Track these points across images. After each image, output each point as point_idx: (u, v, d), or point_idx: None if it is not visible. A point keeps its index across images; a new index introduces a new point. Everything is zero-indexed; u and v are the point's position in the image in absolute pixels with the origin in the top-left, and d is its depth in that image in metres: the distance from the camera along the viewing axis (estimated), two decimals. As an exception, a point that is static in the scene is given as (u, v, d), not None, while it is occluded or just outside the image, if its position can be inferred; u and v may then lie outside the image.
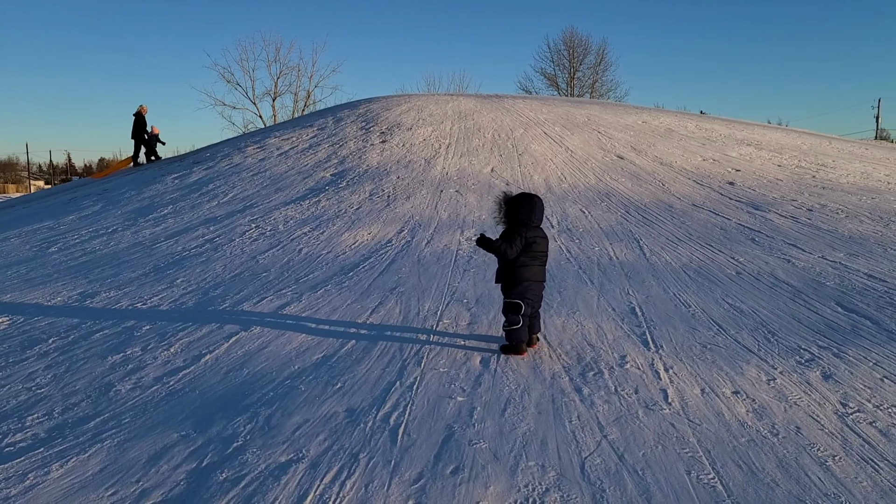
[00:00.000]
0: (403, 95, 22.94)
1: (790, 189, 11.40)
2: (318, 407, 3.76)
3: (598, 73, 56.08)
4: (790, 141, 17.19)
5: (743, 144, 15.83)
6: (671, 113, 22.35)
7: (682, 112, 25.33)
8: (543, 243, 4.69)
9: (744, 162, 13.83)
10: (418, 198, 10.65)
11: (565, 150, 14.25)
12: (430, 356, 4.53)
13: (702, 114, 26.31)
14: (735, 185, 11.71)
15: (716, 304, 5.67)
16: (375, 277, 6.71)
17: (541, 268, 4.69)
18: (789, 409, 3.71)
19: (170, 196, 12.45)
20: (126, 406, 3.84)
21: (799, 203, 10.22)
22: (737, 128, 18.67)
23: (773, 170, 13.20)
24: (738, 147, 15.43)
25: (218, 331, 5.18)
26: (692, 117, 21.12)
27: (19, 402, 3.96)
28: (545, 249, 4.70)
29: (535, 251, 4.62)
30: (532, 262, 4.62)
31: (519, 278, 4.60)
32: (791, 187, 11.56)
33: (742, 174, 12.64)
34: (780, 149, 15.65)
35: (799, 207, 9.92)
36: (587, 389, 3.96)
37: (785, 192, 11.07)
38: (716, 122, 19.66)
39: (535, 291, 4.63)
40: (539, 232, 4.69)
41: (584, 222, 9.15)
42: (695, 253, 7.48)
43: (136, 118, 19.22)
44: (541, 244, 4.66)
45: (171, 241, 9.01)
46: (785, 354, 4.53)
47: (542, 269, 4.72)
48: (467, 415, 3.63)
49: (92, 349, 4.86)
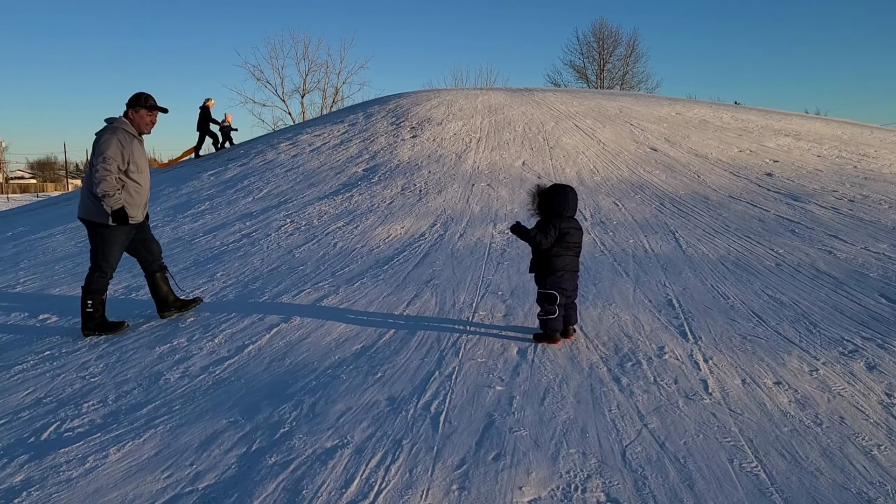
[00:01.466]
0: (433, 90, 23.00)
1: (830, 180, 11.20)
2: (360, 395, 3.84)
3: (628, 65, 55.54)
4: (830, 131, 16.86)
5: (781, 135, 15.57)
6: (705, 104, 22.05)
7: (717, 103, 24.96)
8: (577, 234, 4.72)
9: (782, 153, 13.61)
10: (450, 192, 10.70)
11: (597, 143, 14.18)
12: (468, 347, 4.58)
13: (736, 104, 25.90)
14: (773, 176, 11.54)
15: (755, 296, 5.62)
16: (410, 270, 6.78)
17: (574, 258, 4.73)
18: (833, 400, 3.68)
19: (206, 192, 12.68)
20: (176, 394, 3.97)
21: (840, 194, 10.04)
22: (774, 118, 18.36)
23: (813, 160, 12.97)
24: (776, 138, 15.19)
25: (259, 322, 5.29)
26: (727, 108, 20.81)
27: (74, 390, 4.11)
28: (579, 240, 4.74)
29: (569, 242, 4.66)
30: (566, 252, 4.67)
31: (553, 268, 4.64)
32: (831, 178, 11.35)
33: (780, 165, 12.45)
34: (819, 139, 15.36)
35: (840, 198, 9.74)
36: (626, 379, 3.98)
37: (825, 183, 10.88)
38: (752, 113, 19.36)
39: (569, 281, 4.67)
40: (573, 223, 4.72)
41: (617, 215, 9.12)
42: (733, 244, 7.41)
43: (202, 111, 19.79)
44: (575, 235, 4.69)
45: (209, 235, 9.20)
46: (827, 345, 4.48)
47: (576, 260, 4.75)
48: (507, 403, 3.67)
49: (140, 340, 5.01)
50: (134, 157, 5.25)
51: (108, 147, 5.10)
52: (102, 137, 5.16)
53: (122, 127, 5.25)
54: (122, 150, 5.16)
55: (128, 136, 5.24)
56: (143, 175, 5.37)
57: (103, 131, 5.22)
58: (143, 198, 5.43)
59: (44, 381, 4.27)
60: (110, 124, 5.27)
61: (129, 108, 5.35)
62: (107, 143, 5.11)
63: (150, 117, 5.42)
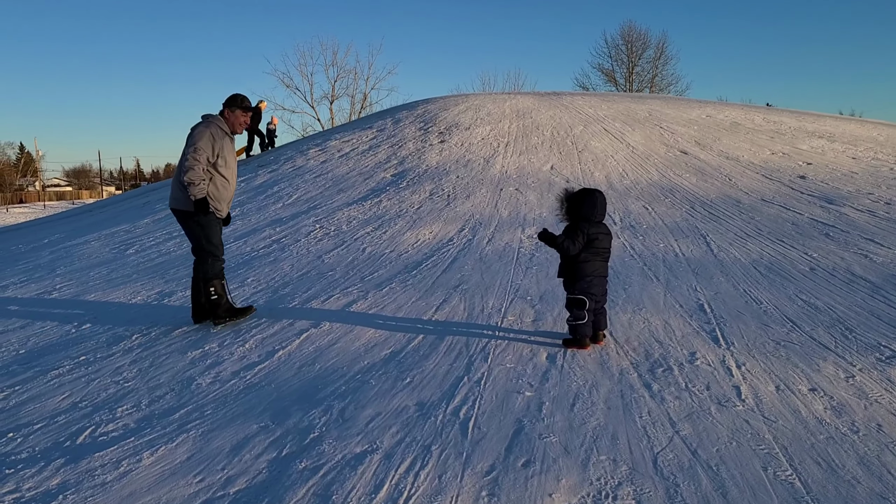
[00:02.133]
0: (461, 95, 23.04)
1: (866, 182, 10.96)
2: (390, 400, 3.85)
3: (657, 68, 55.17)
4: (865, 132, 16.51)
5: (814, 137, 15.30)
6: (736, 106, 21.76)
7: (748, 105, 24.63)
8: (606, 239, 4.70)
9: (815, 155, 13.36)
10: (478, 196, 10.70)
11: (626, 146, 14.07)
12: (497, 352, 4.57)
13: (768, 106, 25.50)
14: (806, 178, 11.33)
15: (789, 301, 5.52)
16: (439, 275, 6.79)
17: (603, 263, 4.71)
18: (869, 407, 3.60)
19: (237, 199, 12.84)
20: (207, 399, 4.02)
21: (876, 196, 9.82)
22: (807, 120, 18.04)
23: (848, 162, 12.71)
24: (809, 140, 14.92)
25: (289, 328, 5.34)
26: (759, 110, 20.51)
27: (109, 394, 4.19)
28: (608, 245, 4.72)
29: (598, 247, 4.64)
30: (594, 257, 4.65)
31: (581, 273, 4.62)
32: (867, 180, 11.11)
33: (814, 167, 12.23)
34: (854, 140, 15.05)
35: (876, 201, 9.53)
36: (657, 385, 3.93)
37: (860, 186, 10.65)
38: (784, 115, 19.05)
39: (598, 287, 4.65)
40: (602, 228, 4.69)
41: (647, 219, 9.03)
42: (765, 249, 7.29)
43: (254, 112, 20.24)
44: (603, 240, 4.67)
45: (240, 241, 9.31)
46: (864, 351, 4.38)
47: (605, 265, 4.73)
48: (536, 409, 3.66)
49: (172, 345, 5.09)
50: (224, 152, 5.52)
51: (201, 139, 5.38)
52: (196, 130, 5.45)
53: (217, 123, 5.53)
54: (213, 144, 5.43)
55: (220, 132, 5.52)
56: (230, 171, 5.64)
57: (198, 125, 5.51)
58: (228, 194, 5.71)
59: (79, 385, 4.35)
60: (205, 119, 5.57)
61: (226, 107, 5.65)
62: (200, 135, 5.39)
63: (243, 118, 5.73)
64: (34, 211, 48.89)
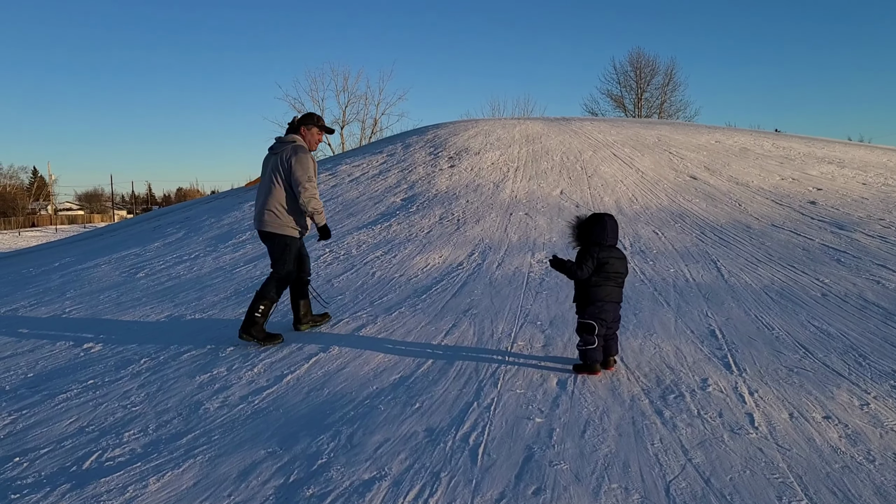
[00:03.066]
0: (471, 120, 23.18)
1: (877, 208, 10.90)
2: (398, 426, 3.82)
3: (666, 94, 55.41)
4: (875, 158, 16.48)
5: (824, 162, 15.27)
6: (745, 132, 21.78)
7: (757, 130, 24.65)
8: (619, 263, 4.66)
9: (825, 180, 13.33)
10: (488, 221, 10.71)
11: (636, 172, 14.08)
12: (506, 377, 4.53)
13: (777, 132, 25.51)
14: (817, 204, 11.29)
15: (801, 327, 5.46)
16: (448, 300, 6.78)
17: (616, 288, 4.66)
18: (885, 435, 3.54)
19: (247, 223, 12.91)
20: (215, 423, 4.00)
21: (887, 222, 9.76)
22: (816, 145, 18.03)
23: (858, 188, 12.66)
24: (819, 165, 14.90)
25: (298, 352, 5.33)
26: (768, 136, 20.51)
27: (116, 419, 4.18)
28: (620, 269, 4.67)
29: (609, 271, 4.60)
30: (605, 282, 4.60)
31: (592, 298, 4.59)
32: (878, 206, 11.06)
33: (824, 193, 12.18)
34: (864, 166, 15.01)
35: (888, 227, 9.47)
36: (668, 412, 3.88)
37: (871, 211, 10.60)
38: (793, 140, 19.05)
39: (609, 312, 4.60)
40: (614, 252, 4.66)
41: (657, 244, 9.00)
42: (776, 274, 7.24)
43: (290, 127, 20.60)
44: (615, 264, 4.63)
45: (249, 265, 9.34)
46: (878, 379, 4.32)
47: (618, 290, 4.68)
48: (546, 436, 3.61)
49: (181, 369, 5.08)
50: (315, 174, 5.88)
51: (312, 167, 5.73)
52: (301, 157, 5.67)
53: (305, 146, 5.84)
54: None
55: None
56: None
57: (295, 151, 5.70)
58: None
59: (87, 409, 4.35)
60: (294, 143, 5.79)
61: (303, 126, 5.92)
62: (309, 163, 5.71)
63: (319, 136, 6.02)
64: (46, 234, 49.34)
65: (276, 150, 5.81)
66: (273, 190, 5.70)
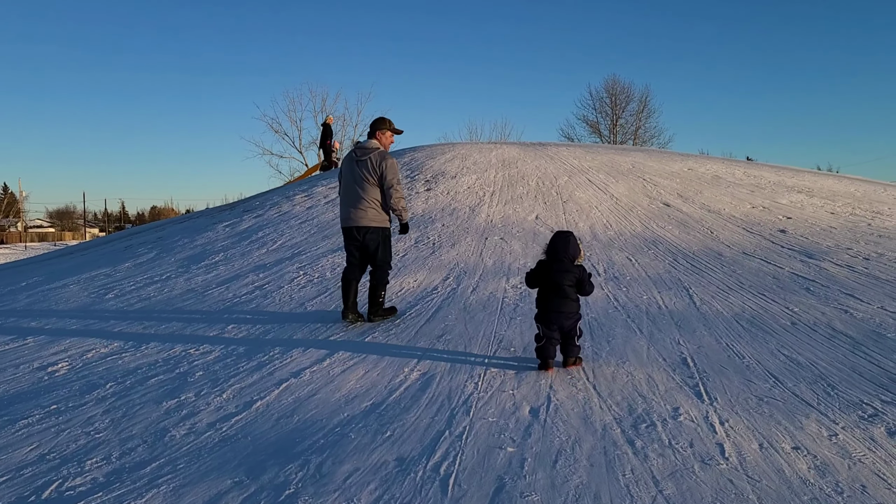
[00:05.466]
0: (447, 144, 23.30)
1: (845, 237, 11.12)
2: (369, 455, 3.77)
3: (640, 120, 56.37)
4: (843, 188, 16.85)
5: (793, 191, 15.57)
6: (717, 160, 22.17)
7: (729, 158, 25.11)
8: (559, 275, 5.27)
9: (795, 209, 13.58)
10: (463, 245, 10.72)
11: (610, 198, 14.23)
12: (479, 405, 4.50)
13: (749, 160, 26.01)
14: (787, 232, 11.49)
15: (771, 356, 5.52)
16: (422, 325, 6.74)
17: (556, 298, 5.25)
18: (853, 467, 3.56)
19: (221, 244, 12.79)
20: (181, 451, 3.91)
21: (855, 252, 9.96)
22: (786, 174, 18.40)
23: (826, 217, 12.92)
24: (789, 194, 15.18)
25: (269, 377, 5.25)
26: (739, 164, 20.90)
27: (78, 446, 4.07)
28: (560, 281, 5.26)
29: (551, 282, 5.29)
30: (547, 291, 5.32)
31: (537, 305, 5.40)
32: (846, 235, 11.28)
33: (794, 222, 12.41)
34: (832, 196, 15.34)
35: (855, 256, 9.66)
36: (640, 442, 3.88)
37: (839, 241, 10.81)
38: (764, 169, 19.42)
39: (551, 320, 5.19)
40: (561, 265, 5.30)
41: (631, 270, 9.07)
42: (747, 302, 7.32)
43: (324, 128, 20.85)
44: (555, 276, 5.28)
45: (222, 287, 9.23)
46: (846, 409, 4.37)
47: (561, 300, 5.24)
48: (518, 466, 3.59)
49: (148, 394, 4.98)
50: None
51: (398, 171, 6.85)
52: (391, 162, 6.75)
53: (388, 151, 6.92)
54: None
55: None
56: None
57: (384, 156, 6.74)
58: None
59: (48, 436, 4.23)
60: (380, 149, 6.82)
61: (377, 130, 6.91)
62: (397, 167, 6.83)
63: (391, 138, 7.03)
64: (15, 252, 48.34)
65: (362, 155, 6.77)
66: (368, 190, 6.73)
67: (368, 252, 6.91)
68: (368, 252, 6.91)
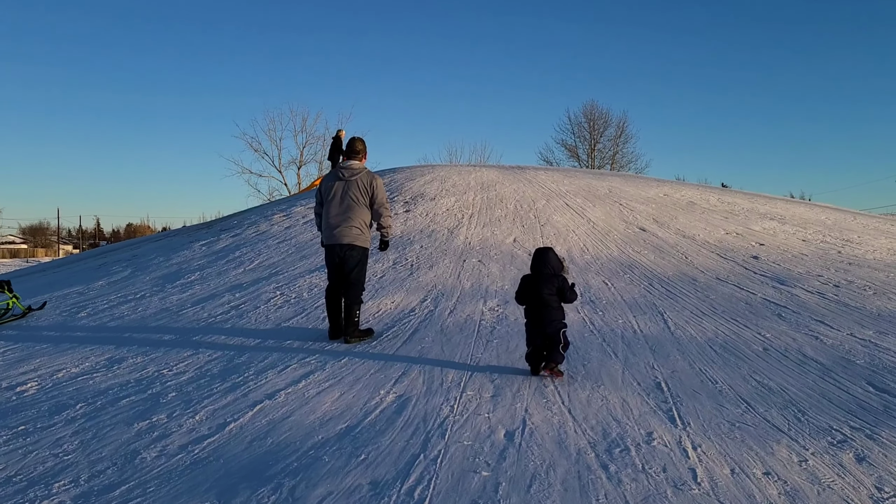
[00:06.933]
0: (427, 166, 23.43)
1: (815, 264, 11.33)
2: (342, 479, 3.74)
3: (618, 145, 57.20)
4: (814, 215, 17.19)
5: (766, 218, 15.85)
6: (693, 186, 22.52)
7: (704, 185, 25.51)
8: (543, 286, 5.67)
9: (767, 236, 13.82)
10: (441, 267, 10.75)
11: (587, 222, 14.37)
12: (454, 428, 4.50)
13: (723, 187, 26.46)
14: (759, 259, 11.67)
15: (743, 381, 5.59)
16: (399, 347, 6.74)
17: (542, 309, 5.62)
18: (823, 493, 3.61)
19: (197, 262, 12.69)
20: (151, 474, 3.85)
21: (825, 279, 10.15)
22: (759, 202, 18.73)
23: (798, 244, 13.16)
24: (762, 221, 15.45)
25: (243, 399, 5.20)
26: (714, 190, 21.25)
27: (46, 468, 3.99)
28: (542, 291, 5.65)
29: (535, 294, 5.70)
30: (532, 305, 5.73)
31: (525, 317, 5.84)
32: (816, 262, 11.50)
33: (766, 248, 12.62)
34: (803, 223, 15.64)
35: (825, 283, 9.84)
36: (614, 467, 3.90)
37: (810, 268, 11.01)
38: (738, 196, 19.76)
39: (535, 333, 5.62)
40: (542, 277, 5.71)
41: (607, 294, 9.15)
42: (720, 327, 7.42)
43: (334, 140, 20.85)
44: (540, 287, 5.68)
45: (197, 307, 9.14)
46: (816, 435, 4.43)
47: (543, 310, 5.61)
48: (492, 490, 3.59)
49: (119, 415, 4.90)
50: None
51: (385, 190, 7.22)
52: (380, 182, 7.11)
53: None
54: None
55: None
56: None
57: (373, 177, 7.06)
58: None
59: (15, 458, 4.14)
60: (367, 169, 7.14)
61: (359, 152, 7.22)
62: (384, 186, 7.18)
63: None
64: (-16, 267, 47.37)
65: (350, 175, 7.00)
66: (358, 209, 6.93)
67: (344, 269, 6.96)
68: (344, 269, 6.96)
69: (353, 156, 7.18)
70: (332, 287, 7.15)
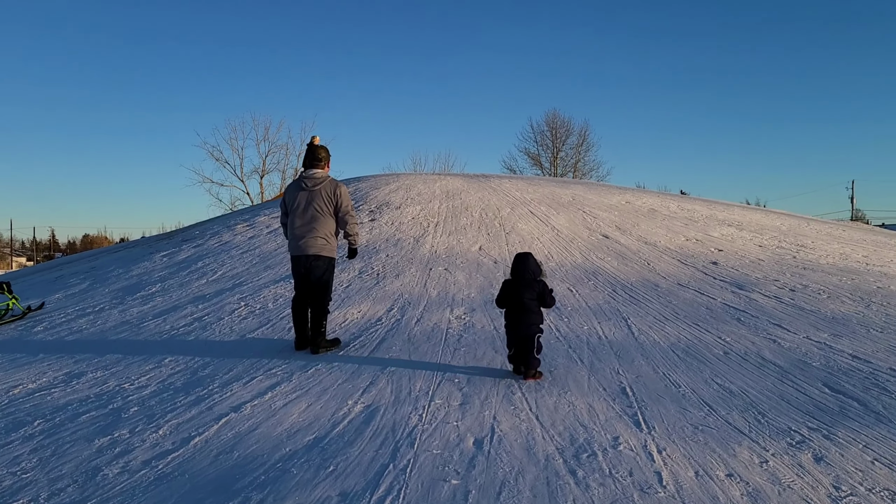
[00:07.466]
0: (392, 174, 23.41)
1: (772, 269, 11.63)
2: (311, 491, 3.71)
3: (580, 153, 57.91)
4: (770, 222, 17.63)
5: (724, 225, 16.21)
6: (654, 193, 22.91)
7: (664, 192, 25.98)
8: (523, 290, 5.89)
9: (726, 242, 14.13)
10: (408, 276, 10.74)
11: (551, 229, 14.52)
12: (423, 437, 4.50)
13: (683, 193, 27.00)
14: (718, 264, 11.93)
15: (705, 384, 5.71)
16: (366, 356, 6.71)
17: (521, 313, 5.85)
18: (783, 493, 3.71)
19: (158, 274, 12.46)
20: (114, 491, 3.77)
21: (781, 283, 10.42)
22: (718, 208, 19.14)
23: (755, 250, 13.49)
24: (720, 227, 15.79)
25: (207, 412, 5.13)
26: (674, 198, 21.66)
27: (3, 487, 3.88)
28: (522, 295, 5.88)
29: (516, 298, 5.92)
30: (512, 309, 5.95)
31: (505, 320, 6.04)
32: (773, 267, 11.80)
33: (725, 254, 12.90)
34: (760, 229, 16.03)
35: (782, 287, 10.10)
36: (581, 472, 3.95)
37: (767, 273, 11.29)
38: (697, 203, 20.17)
39: (514, 336, 5.85)
40: (523, 282, 5.94)
41: (572, 301, 9.25)
42: (682, 332, 7.56)
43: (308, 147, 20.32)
44: (520, 291, 5.90)
45: (158, 319, 8.98)
46: (776, 436, 4.55)
47: (522, 314, 5.84)
48: (462, 498, 3.60)
49: (79, 432, 4.79)
50: None
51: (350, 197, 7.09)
52: (345, 190, 7.02)
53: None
54: None
55: None
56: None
57: (338, 185, 6.98)
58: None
59: (-28, 477, 4.02)
60: (331, 178, 7.09)
61: (322, 160, 7.17)
62: (348, 194, 7.07)
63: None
64: (-67, 281, 45.72)
65: (313, 185, 6.94)
66: (323, 220, 6.87)
67: (311, 279, 6.93)
68: (311, 279, 6.93)
69: (315, 164, 7.12)
70: (299, 297, 7.11)
